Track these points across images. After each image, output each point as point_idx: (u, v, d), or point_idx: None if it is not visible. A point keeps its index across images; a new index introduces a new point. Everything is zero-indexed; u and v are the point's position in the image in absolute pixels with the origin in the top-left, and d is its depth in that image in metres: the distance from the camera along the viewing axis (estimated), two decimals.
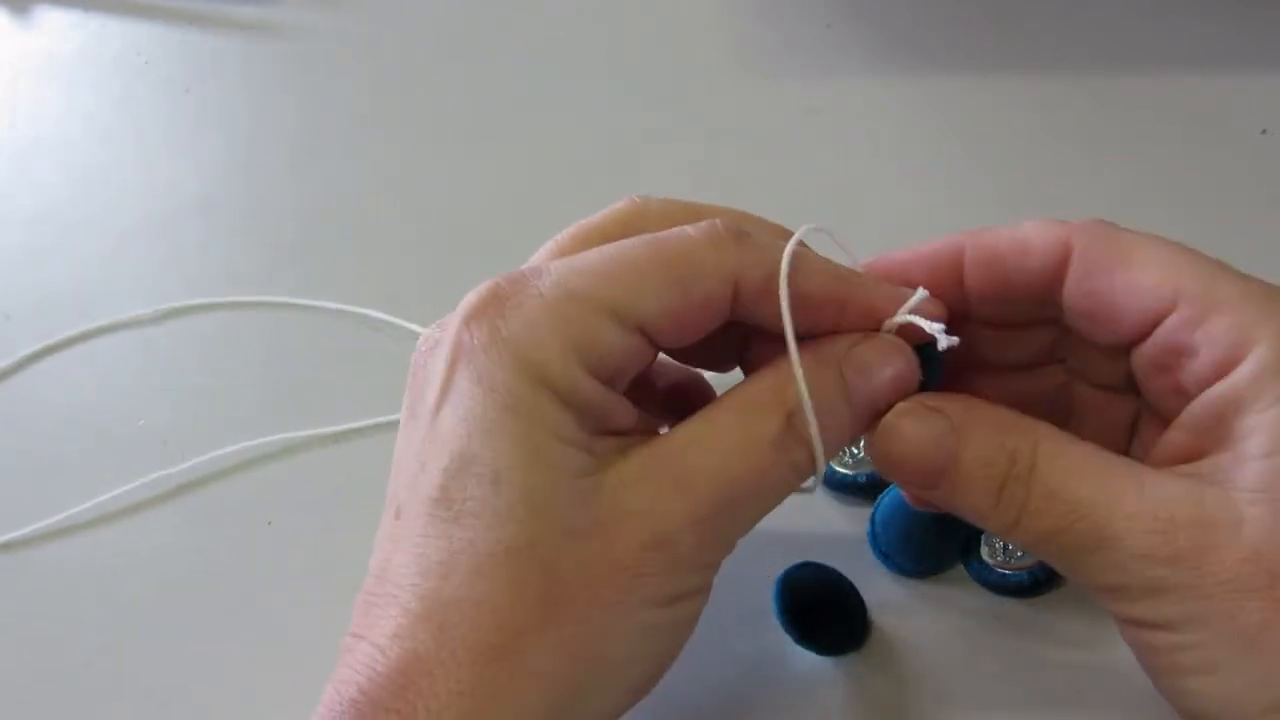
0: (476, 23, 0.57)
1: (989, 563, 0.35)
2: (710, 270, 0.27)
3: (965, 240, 0.29)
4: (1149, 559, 0.25)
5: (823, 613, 0.33)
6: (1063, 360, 0.31)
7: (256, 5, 0.59)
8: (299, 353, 0.44)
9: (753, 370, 0.29)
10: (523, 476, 0.25)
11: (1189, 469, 0.26)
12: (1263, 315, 0.26)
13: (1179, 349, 0.27)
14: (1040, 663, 0.33)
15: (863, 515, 0.36)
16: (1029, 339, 0.30)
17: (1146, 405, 0.30)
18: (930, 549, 0.35)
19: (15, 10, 0.61)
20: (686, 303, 0.27)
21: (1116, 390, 0.30)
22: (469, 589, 0.24)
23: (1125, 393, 0.30)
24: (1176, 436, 0.27)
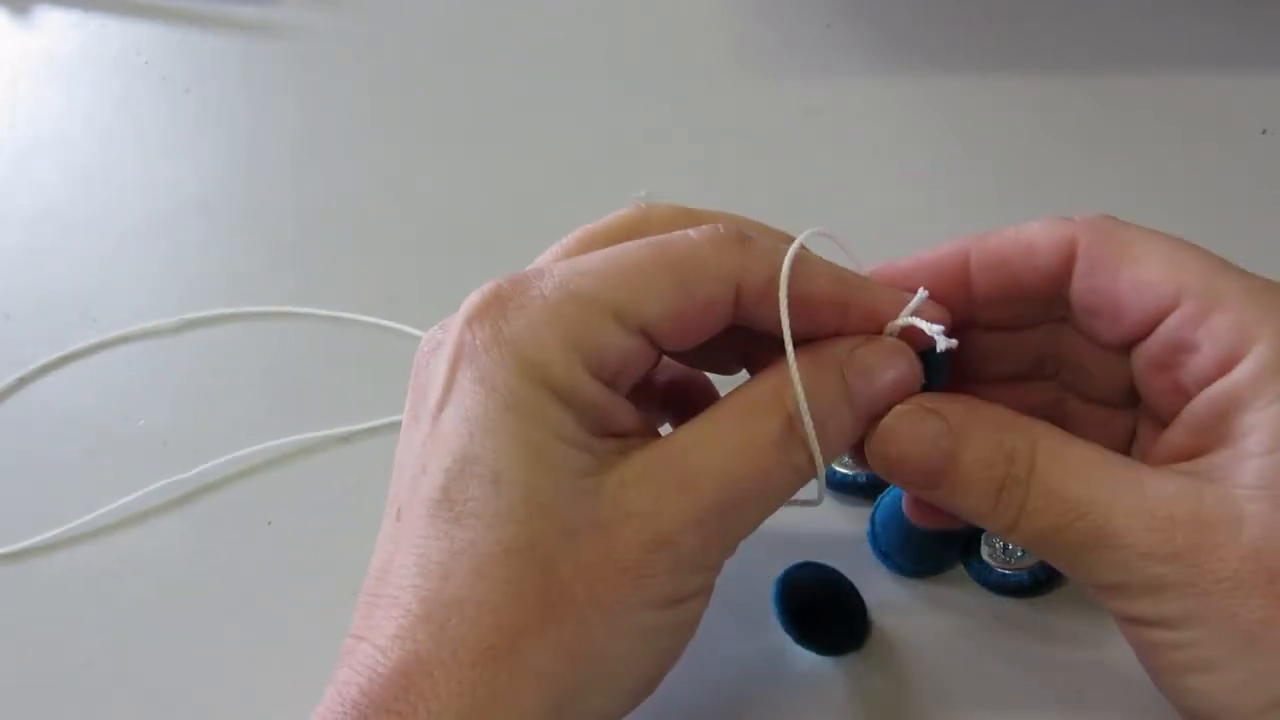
0: (476, 23, 0.57)
1: (989, 563, 0.35)
2: (712, 273, 0.27)
3: (970, 244, 0.29)
4: (1149, 557, 0.25)
5: (823, 613, 0.33)
6: (1053, 376, 0.31)
7: (256, 5, 0.59)
8: (302, 358, 0.44)
9: (757, 373, 0.29)
10: (524, 477, 0.25)
11: (1188, 467, 0.26)
12: (1265, 313, 0.26)
13: (1181, 346, 0.27)
14: (1040, 663, 0.33)
15: (863, 515, 0.36)
16: (1020, 350, 0.31)
17: (1145, 411, 0.30)
18: (930, 549, 0.35)
19: (15, 10, 0.61)
20: (689, 305, 0.27)
21: (1111, 404, 0.30)
22: (469, 590, 0.24)
23: (1121, 407, 0.30)
24: (1176, 435, 0.27)
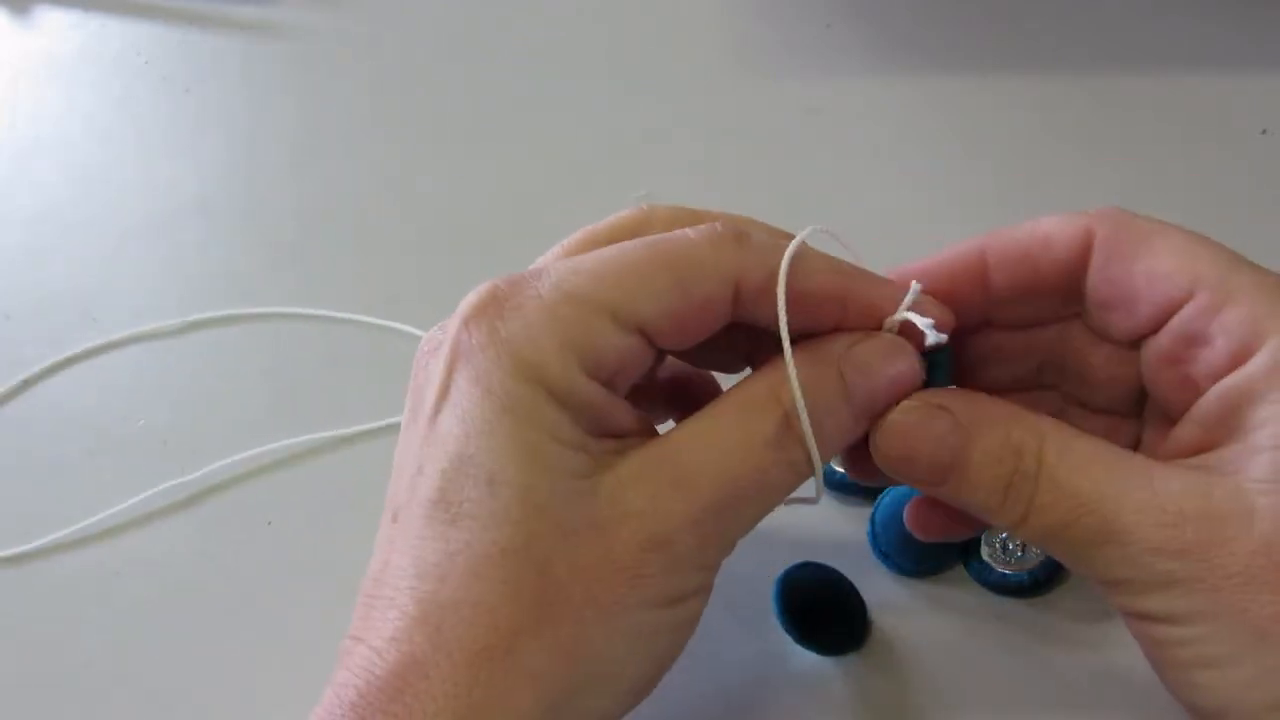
0: (476, 23, 0.57)
1: (989, 563, 0.35)
2: (710, 271, 0.27)
3: (985, 242, 0.29)
4: (1158, 552, 0.25)
5: (823, 613, 0.33)
6: (1054, 386, 0.31)
7: (256, 5, 0.59)
8: (303, 359, 0.44)
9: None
10: (519, 477, 0.25)
11: (1198, 462, 0.26)
12: (1278, 307, 0.25)
13: (1194, 338, 0.26)
14: (1040, 663, 0.33)
15: (863, 515, 0.36)
16: (1025, 354, 0.30)
17: (1153, 411, 0.29)
18: (930, 549, 0.35)
19: (15, 10, 0.61)
20: (686, 304, 0.26)
21: (1114, 413, 0.30)
22: (465, 591, 0.24)
23: (1123, 415, 0.30)
24: (1185, 431, 0.27)
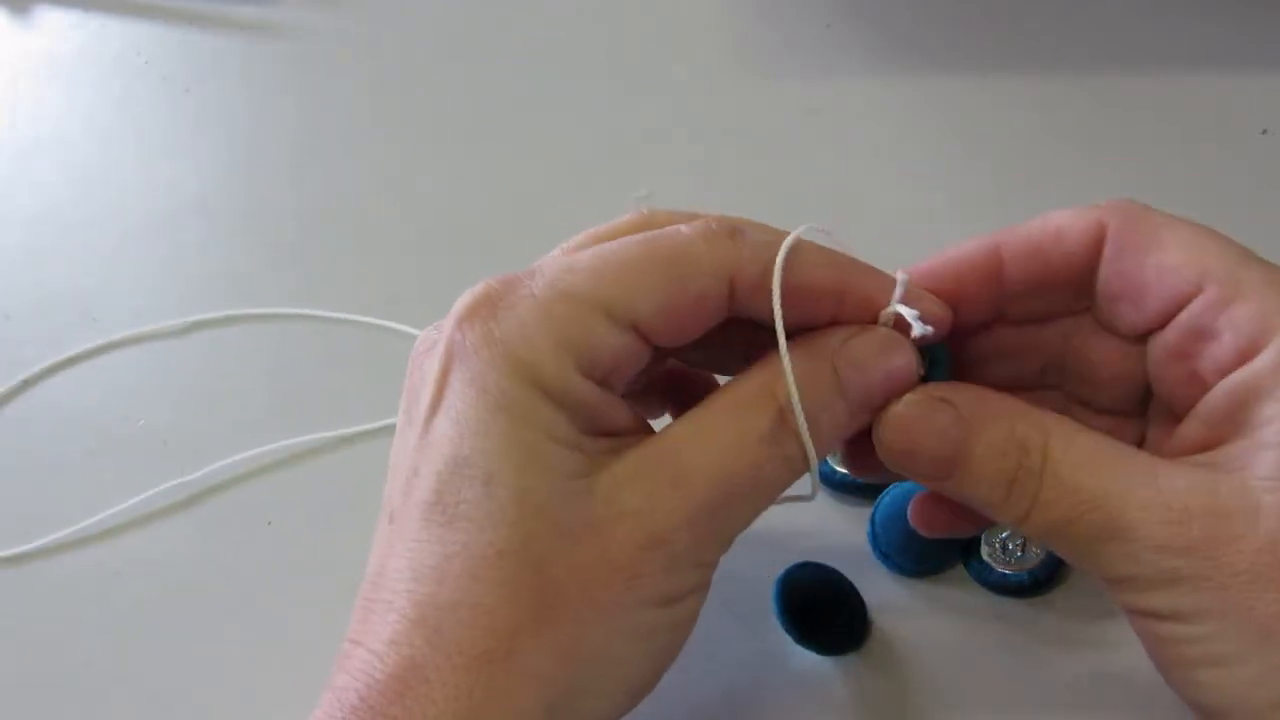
0: (476, 23, 0.57)
1: (989, 563, 0.35)
2: (705, 267, 0.26)
3: (999, 238, 0.29)
4: (1163, 550, 0.25)
5: (823, 613, 0.33)
6: (1056, 387, 0.31)
7: (256, 5, 0.59)
8: (303, 359, 0.44)
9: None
10: (515, 478, 0.25)
11: (1204, 458, 0.26)
12: None
13: (1202, 333, 0.26)
14: (1040, 663, 0.33)
15: (863, 515, 0.36)
16: (1031, 351, 0.30)
17: (1158, 409, 0.29)
18: (930, 549, 0.35)
19: (15, 10, 0.61)
20: (681, 300, 0.26)
21: (1117, 413, 0.30)
22: (463, 593, 0.24)
23: (1127, 415, 0.30)
24: (1191, 428, 0.27)
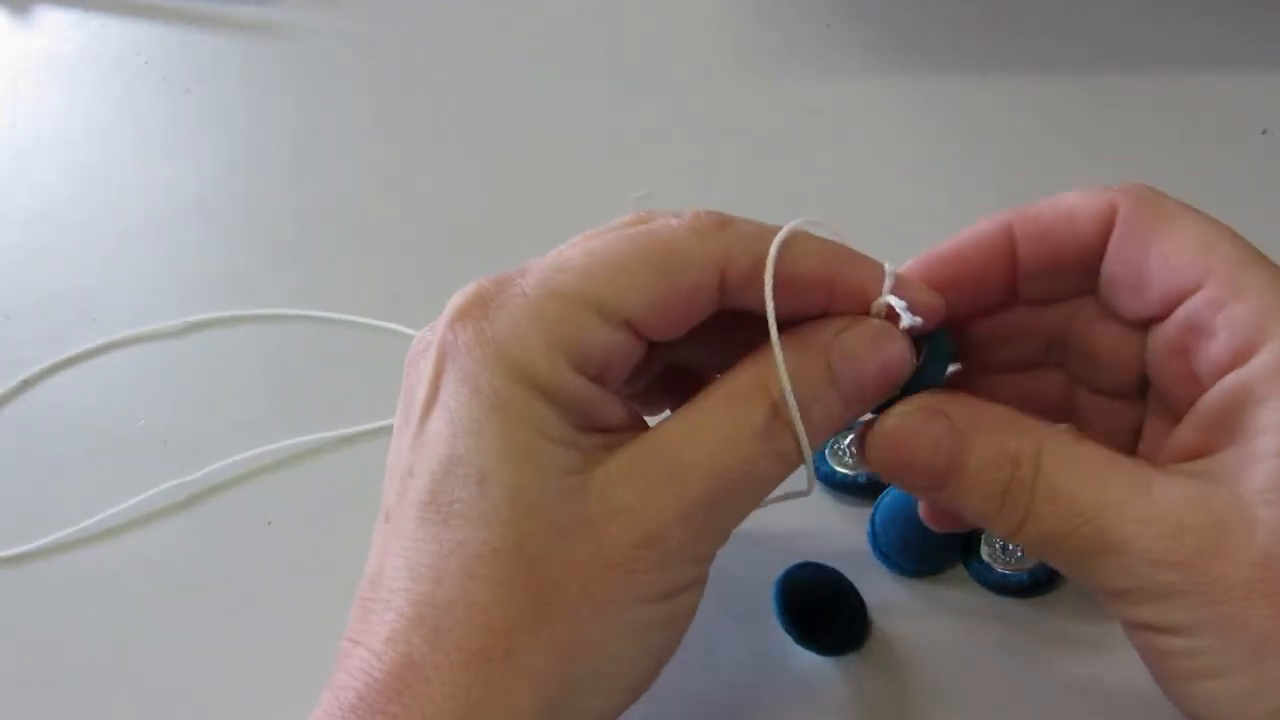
0: (476, 23, 0.57)
1: (989, 563, 0.35)
2: (695, 259, 0.26)
3: (1012, 217, 0.29)
4: (1157, 564, 0.25)
5: (823, 613, 0.33)
6: (1061, 365, 0.31)
7: (256, 5, 0.59)
8: (302, 360, 0.44)
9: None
10: (509, 476, 0.25)
11: (1198, 467, 0.26)
12: None
13: (1199, 329, 0.26)
14: (1040, 663, 0.33)
15: (863, 515, 0.36)
16: (1035, 332, 0.30)
17: (1156, 402, 0.29)
18: (930, 549, 0.35)
19: (15, 10, 0.61)
20: (672, 293, 0.26)
21: (1119, 395, 0.30)
22: (460, 591, 0.24)
23: (1128, 398, 0.30)
24: (1186, 433, 0.27)
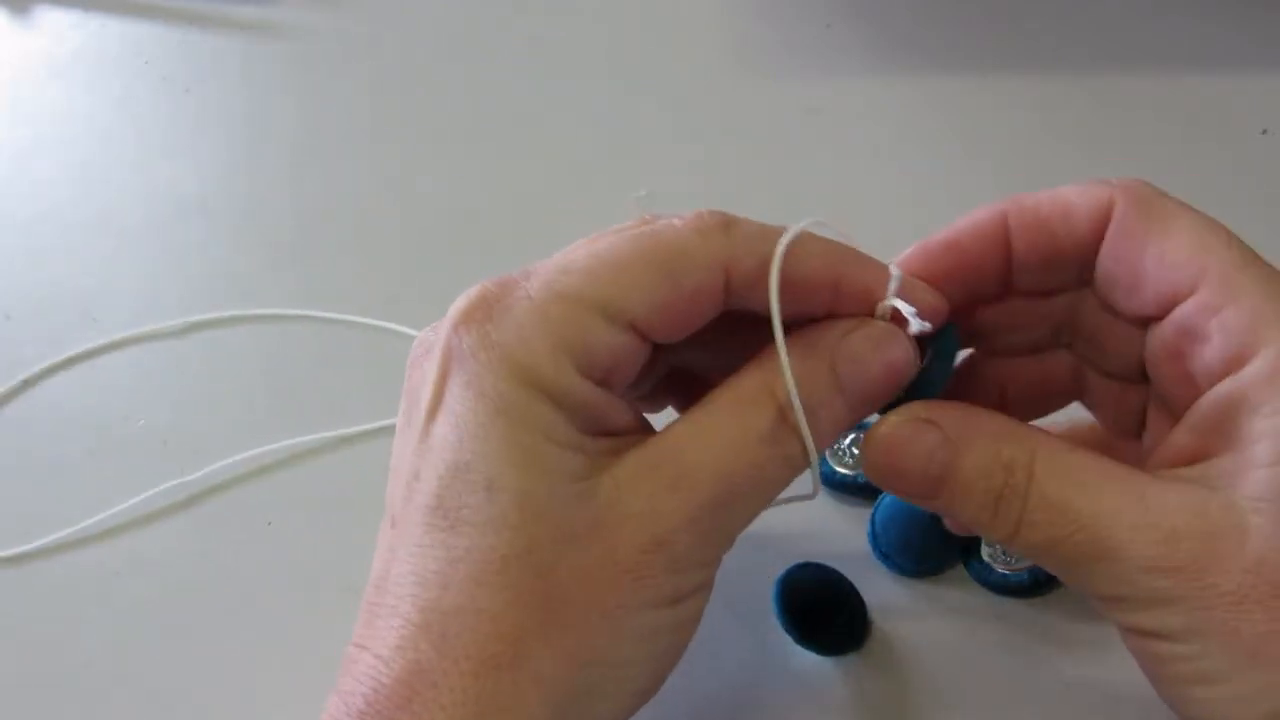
0: (476, 23, 0.57)
1: (989, 563, 0.35)
2: (700, 261, 0.26)
3: (1008, 207, 0.28)
4: (1151, 570, 0.25)
5: (823, 613, 0.33)
6: (1069, 346, 0.31)
7: (256, 5, 0.59)
8: (303, 360, 0.44)
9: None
10: (516, 482, 0.25)
11: (1194, 472, 0.26)
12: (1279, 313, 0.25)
13: (1193, 333, 0.26)
14: (1040, 663, 0.33)
15: (863, 515, 0.36)
16: (1042, 319, 0.30)
17: (1155, 395, 0.29)
18: (931, 549, 0.35)
19: (15, 10, 0.61)
20: (677, 295, 0.26)
21: (1127, 379, 0.30)
22: (468, 598, 0.24)
23: (1136, 382, 0.30)
24: (1181, 436, 0.27)
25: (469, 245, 0.47)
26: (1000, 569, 0.34)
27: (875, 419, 0.28)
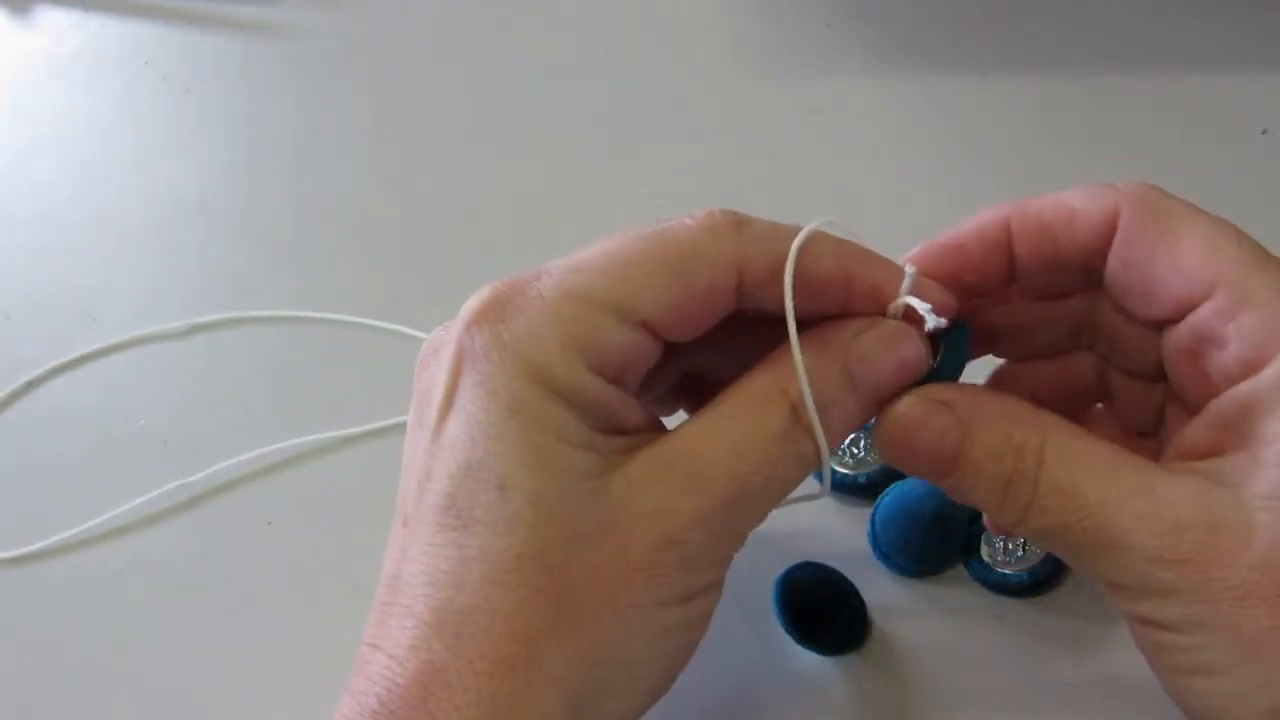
0: (476, 23, 0.57)
1: (989, 563, 0.35)
2: (711, 259, 0.26)
3: (1011, 211, 0.28)
4: (1156, 561, 0.25)
5: (823, 613, 0.33)
6: (1090, 348, 0.31)
7: (256, 5, 0.59)
8: (303, 361, 0.44)
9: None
10: (529, 481, 0.25)
11: (1206, 467, 0.26)
12: None
13: (1210, 338, 0.26)
14: (1040, 663, 0.33)
15: (863, 515, 0.36)
16: (1057, 321, 0.30)
17: (1172, 394, 0.29)
18: (930, 549, 0.35)
19: (15, 10, 0.61)
20: (689, 294, 0.26)
21: (1148, 378, 0.30)
22: (481, 598, 0.25)
23: (1157, 380, 0.30)
24: (1196, 432, 0.27)
25: (469, 245, 0.47)
26: (1000, 569, 0.34)
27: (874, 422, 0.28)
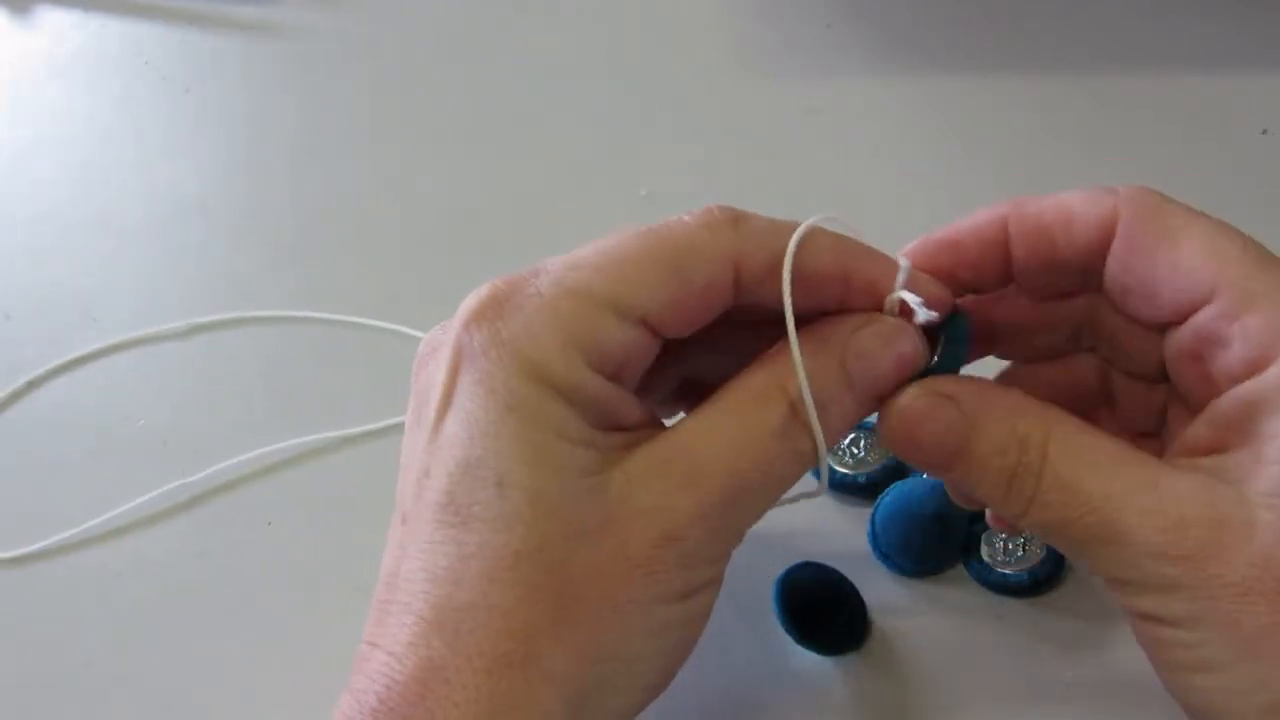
0: (476, 23, 0.57)
1: (989, 563, 0.35)
2: (709, 256, 0.27)
3: (1009, 211, 0.28)
4: (1158, 556, 0.25)
5: (823, 613, 0.33)
6: (1093, 349, 0.31)
7: (256, 5, 0.59)
8: (304, 361, 0.44)
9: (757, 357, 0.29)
10: (528, 479, 0.25)
11: (1209, 463, 0.26)
12: None
13: (1213, 339, 0.26)
14: (1040, 663, 0.33)
15: (863, 515, 0.36)
16: (1058, 322, 0.30)
17: (1175, 395, 0.29)
18: (930, 549, 0.35)
19: (15, 10, 0.61)
20: (687, 291, 0.26)
21: (1150, 379, 0.30)
22: (480, 595, 0.25)
23: (1160, 381, 0.30)
24: (1200, 429, 0.27)
25: (469, 245, 0.47)
26: (1000, 569, 0.34)
27: (876, 417, 0.28)
